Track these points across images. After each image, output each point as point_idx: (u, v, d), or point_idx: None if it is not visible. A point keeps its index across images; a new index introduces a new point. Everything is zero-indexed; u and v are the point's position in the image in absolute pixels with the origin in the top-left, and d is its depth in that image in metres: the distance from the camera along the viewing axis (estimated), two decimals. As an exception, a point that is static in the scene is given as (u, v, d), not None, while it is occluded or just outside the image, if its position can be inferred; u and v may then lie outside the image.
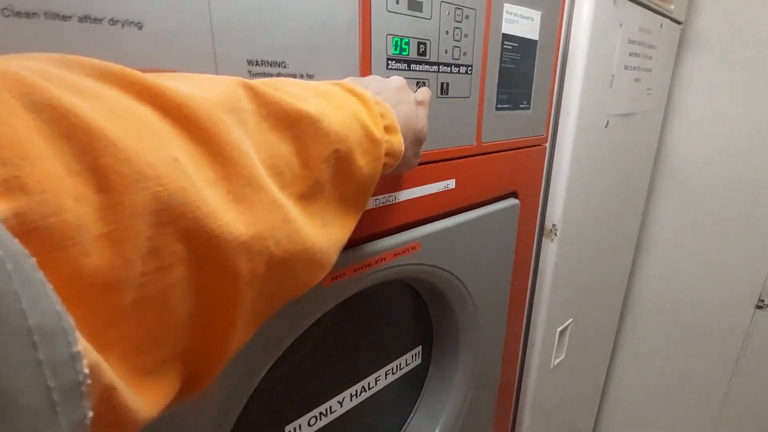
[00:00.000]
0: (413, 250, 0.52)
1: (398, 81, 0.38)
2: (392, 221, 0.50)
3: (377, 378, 0.61)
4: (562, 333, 0.96)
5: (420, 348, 0.68)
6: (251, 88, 0.22)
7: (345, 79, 0.39)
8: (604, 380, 1.41)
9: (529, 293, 0.87)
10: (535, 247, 0.83)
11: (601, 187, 0.92)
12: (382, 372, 0.62)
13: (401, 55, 0.45)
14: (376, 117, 0.31)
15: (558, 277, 0.86)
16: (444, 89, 0.51)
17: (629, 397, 1.41)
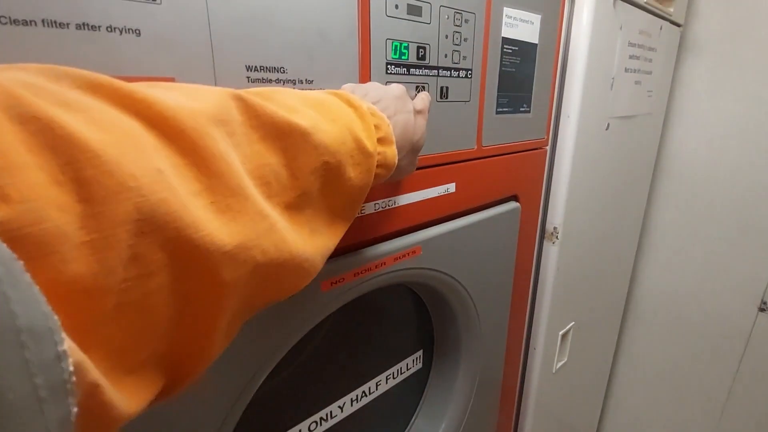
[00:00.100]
0: (414, 254, 0.52)
1: (398, 90, 0.38)
2: (393, 225, 0.50)
3: (378, 382, 0.61)
4: (564, 336, 0.95)
5: (421, 352, 0.68)
6: (242, 100, 0.22)
7: (344, 85, 0.39)
8: (606, 383, 1.40)
9: (530, 296, 0.86)
10: (536, 250, 0.83)
11: (602, 190, 0.92)
12: (383, 376, 0.62)
13: (401, 60, 0.45)
14: (370, 129, 0.31)
15: (559, 280, 0.85)
16: (444, 93, 0.51)
17: (632, 400, 1.41)
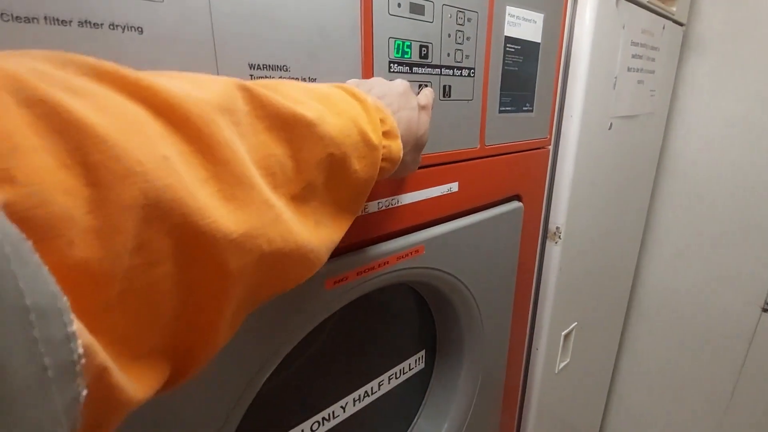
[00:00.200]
0: (417, 253, 0.52)
1: (402, 85, 0.38)
2: (396, 224, 0.50)
3: (380, 382, 0.61)
4: (566, 337, 0.95)
5: (423, 352, 0.68)
6: (247, 90, 0.22)
7: (349, 81, 0.39)
8: (609, 384, 1.40)
9: (533, 296, 0.86)
10: (538, 250, 0.83)
11: (605, 190, 0.92)
12: (386, 376, 0.62)
13: (403, 58, 0.45)
14: (376, 122, 0.31)
15: (562, 280, 0.85)
16: (446, 92, 0.50)
17: (634, 400, 1.40)
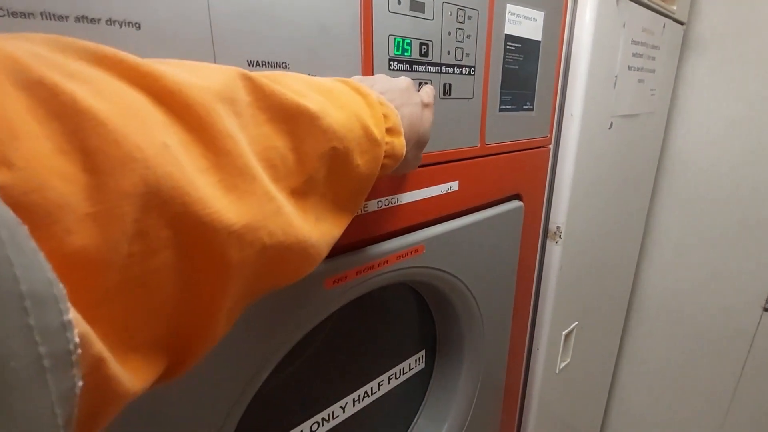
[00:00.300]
0: (417, 252, 0.51)
1: (404, 82, 0.38)
2: (395, 223, 0.50)
3: (380, 382, 0.61)
4: (567, 336, 0.95)
5: (423, 352, 0.68)
6: (250, 80, 0.22)
7: (352, 77, 0.38)
8: (609, 384, 1.39)
9: (533, 296, 0.86)
10: (539, 249, 0.82)
11: (605, 189, 0.92)
12: (386, 376, 0.61)
13: (403, 56, 0.44)
14: (379, 117, 0.31)
15: (563, 279, 0.85)
16: (447, 90, 0.50)
17: (635, 400, 1.40)
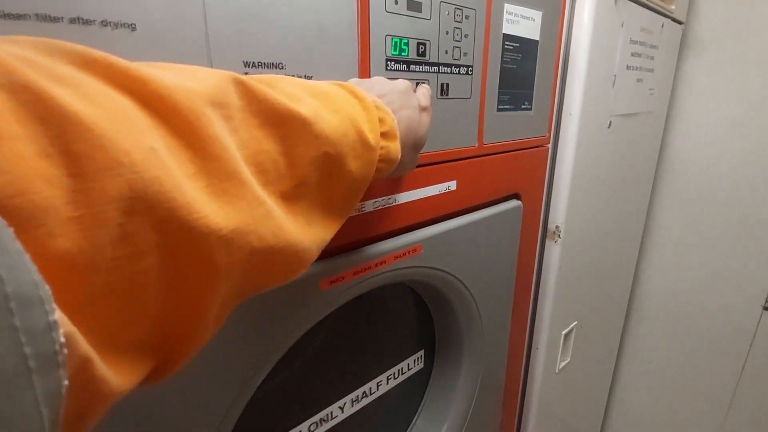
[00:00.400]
0: (415, 252, 0.51)
1: (403, 84, 0.37)
2: (393, 223, 0.50)
3: (379, 383, 0.61)
4: (566, 336, 0.95)
5: (422, 352, 0.68)
6: (242, 84, 0.22)
7: (349, 80, 0.38)
8: (610, 383, 1.39)
9: (532, 296, 0.86)
10: (538, 249, 0.82)
11: (604, 188, 0.92)
12: (384, 377, 0.61)
13: (400, 56, 0.44)
14: (374, 122, 0.30)
15: (562, 279, 0.85)
16: (444, 90, 0.50)
17: (635, 399, 1.40)
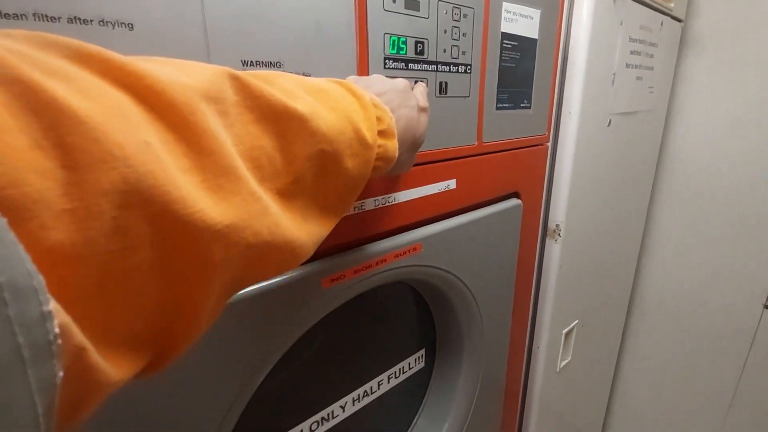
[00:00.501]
0: (414, 251, 0.51)
1: (402, 83, 0.38)
2: (393, 222, 0.50)
3: (380, 382, 0.61)
4: (567, 335, 0.95)
5: (423, 351, 0.68)
6: (238, 79, 0.22)
7: (348, 78, 0.38)
8: (611, 382, 1.39)
9: (533, 295, 0.86)
10: (538, 247, 0.82)
11: (604, 187, 0.91)
12: (385, 376, 0.61)
13: (399, 55, 0.44)
14: (372, 120, 0.31)
15: (562, 278, 0.85)
16: (443, 89, 0.50)
17: (637, 398, 1.40)
